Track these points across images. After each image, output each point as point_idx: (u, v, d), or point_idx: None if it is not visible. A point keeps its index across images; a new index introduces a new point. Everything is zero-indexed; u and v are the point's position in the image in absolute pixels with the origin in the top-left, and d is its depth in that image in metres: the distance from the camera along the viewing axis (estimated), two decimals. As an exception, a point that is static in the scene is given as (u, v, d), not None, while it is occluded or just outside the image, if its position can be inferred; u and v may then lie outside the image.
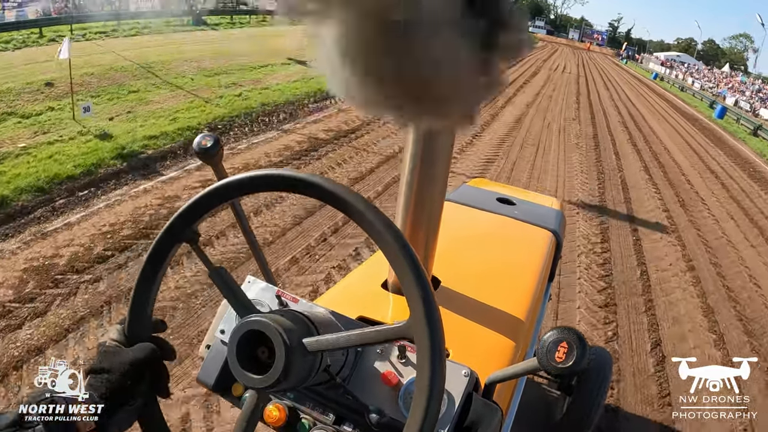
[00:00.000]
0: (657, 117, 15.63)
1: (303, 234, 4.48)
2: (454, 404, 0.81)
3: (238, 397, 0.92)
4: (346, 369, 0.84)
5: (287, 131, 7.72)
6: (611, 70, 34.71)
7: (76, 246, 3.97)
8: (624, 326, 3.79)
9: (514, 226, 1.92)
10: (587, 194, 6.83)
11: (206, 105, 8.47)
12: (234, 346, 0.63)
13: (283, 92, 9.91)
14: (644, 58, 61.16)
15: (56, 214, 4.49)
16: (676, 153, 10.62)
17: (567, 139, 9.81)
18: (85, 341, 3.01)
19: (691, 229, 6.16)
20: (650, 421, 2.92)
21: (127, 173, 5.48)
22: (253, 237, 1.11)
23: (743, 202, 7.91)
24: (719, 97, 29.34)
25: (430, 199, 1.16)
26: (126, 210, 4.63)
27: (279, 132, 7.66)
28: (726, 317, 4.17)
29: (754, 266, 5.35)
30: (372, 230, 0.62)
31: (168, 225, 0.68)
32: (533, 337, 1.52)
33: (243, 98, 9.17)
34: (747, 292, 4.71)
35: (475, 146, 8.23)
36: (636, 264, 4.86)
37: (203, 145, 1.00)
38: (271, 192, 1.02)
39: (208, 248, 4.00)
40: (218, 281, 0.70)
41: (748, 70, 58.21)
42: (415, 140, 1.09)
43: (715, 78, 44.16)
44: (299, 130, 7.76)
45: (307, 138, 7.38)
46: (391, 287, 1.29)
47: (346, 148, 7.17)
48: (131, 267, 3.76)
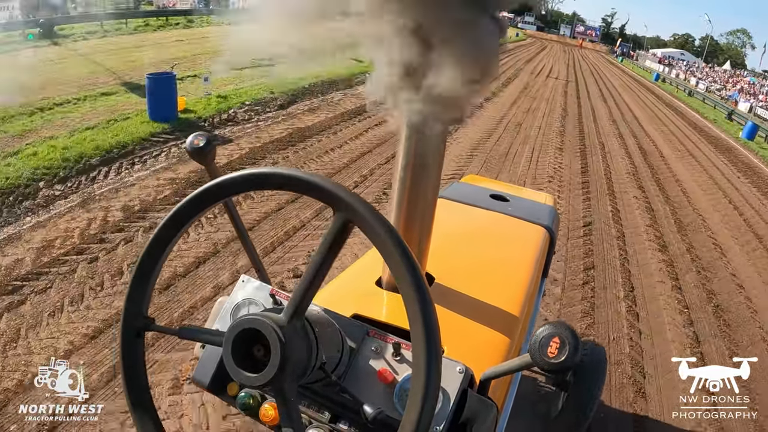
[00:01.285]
0: (676, 148, 10.72)
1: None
2: (449, 401, 0.81)
3: (234, 396, 0.90)
4: (341, 367, 0.84)
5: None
6: (607, 72, 29.79)
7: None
8: None
9: (507, 223, 1.92)
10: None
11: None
12: (229, 345, 0.63)
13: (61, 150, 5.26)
14: (640, 55, 57.40)
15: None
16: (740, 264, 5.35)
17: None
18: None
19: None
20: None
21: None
22: (247, 236, 1.12)
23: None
24: (730, 101, 25.09)
25: (424, 196, 1.15)
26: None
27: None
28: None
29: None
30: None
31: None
32: (528, 332, 1.53)
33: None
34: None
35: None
36: None
37: (196, 144, 1.00)
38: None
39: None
40: (188, 336, 0.73)
41: (748, 68, 55.24)
42: (407, 138, 1.09)
43: (719, 77, 39.88)
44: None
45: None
46: (385, 285, 1.28)
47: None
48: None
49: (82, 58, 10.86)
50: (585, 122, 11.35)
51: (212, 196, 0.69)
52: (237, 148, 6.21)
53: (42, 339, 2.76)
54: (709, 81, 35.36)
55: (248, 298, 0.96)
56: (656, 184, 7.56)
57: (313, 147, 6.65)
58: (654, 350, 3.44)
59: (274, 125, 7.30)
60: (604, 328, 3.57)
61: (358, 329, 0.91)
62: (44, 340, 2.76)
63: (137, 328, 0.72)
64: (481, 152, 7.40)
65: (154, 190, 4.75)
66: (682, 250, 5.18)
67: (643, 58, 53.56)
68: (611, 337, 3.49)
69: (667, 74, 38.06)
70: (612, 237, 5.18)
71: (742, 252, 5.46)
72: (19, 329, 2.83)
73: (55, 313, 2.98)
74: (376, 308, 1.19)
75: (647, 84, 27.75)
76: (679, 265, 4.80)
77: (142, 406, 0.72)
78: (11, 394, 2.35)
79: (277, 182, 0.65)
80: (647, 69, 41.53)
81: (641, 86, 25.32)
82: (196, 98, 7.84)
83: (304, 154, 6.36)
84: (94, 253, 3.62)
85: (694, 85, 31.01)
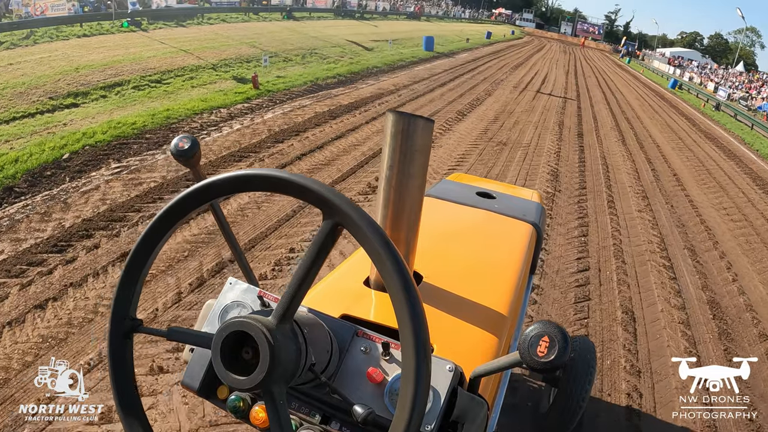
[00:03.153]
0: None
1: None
2: (439, 399, 0.80)
3: (224, 399, 0.89)
4: (331, 368, 0.83)
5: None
6: (616, 79, 24.25)
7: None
8: None
9: (494, 220, 1.90)
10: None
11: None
12: (218, 349, 0.62)
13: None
14: (647, 54, 52.12)
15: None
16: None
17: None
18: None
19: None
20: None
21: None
22: (234, 239, 1.11)
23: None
24: (760, 114, 19.94)
25: (410, 195, 1.13)
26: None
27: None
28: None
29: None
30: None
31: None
32: (516, 329, 1.52)
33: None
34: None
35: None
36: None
37: (180, 147, 0.99)
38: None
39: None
40: (177, 338, 0.71)
41: (759, 68, 50.93)
42: (392, 136, 1.07)
43: (740, 81, 34.42)
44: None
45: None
46: (373, 284, 1.26)
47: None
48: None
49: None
50: (597, 221, 5.92)
51: (200, 197, 0.68)
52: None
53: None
54: (728, 86, 30.00)
55: (236, 300, 0.95)
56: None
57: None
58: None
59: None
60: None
61: (346, 329, 0.89)
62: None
63: (125, 330, 0.72)
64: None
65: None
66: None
67: (650, 58, 48.24)
68: None
69: (678, 76, 32.78)
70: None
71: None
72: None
73: None
74: (365, 308, 1.18)
75: (667, 95, 22.26)
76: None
77: (130, 407, 0.71)
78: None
79: (266, 184, 0.64)
80: (658, 72, 36.06)
81: (662, 100, 19.84)
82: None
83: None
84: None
85: (713, 91, 25.90)
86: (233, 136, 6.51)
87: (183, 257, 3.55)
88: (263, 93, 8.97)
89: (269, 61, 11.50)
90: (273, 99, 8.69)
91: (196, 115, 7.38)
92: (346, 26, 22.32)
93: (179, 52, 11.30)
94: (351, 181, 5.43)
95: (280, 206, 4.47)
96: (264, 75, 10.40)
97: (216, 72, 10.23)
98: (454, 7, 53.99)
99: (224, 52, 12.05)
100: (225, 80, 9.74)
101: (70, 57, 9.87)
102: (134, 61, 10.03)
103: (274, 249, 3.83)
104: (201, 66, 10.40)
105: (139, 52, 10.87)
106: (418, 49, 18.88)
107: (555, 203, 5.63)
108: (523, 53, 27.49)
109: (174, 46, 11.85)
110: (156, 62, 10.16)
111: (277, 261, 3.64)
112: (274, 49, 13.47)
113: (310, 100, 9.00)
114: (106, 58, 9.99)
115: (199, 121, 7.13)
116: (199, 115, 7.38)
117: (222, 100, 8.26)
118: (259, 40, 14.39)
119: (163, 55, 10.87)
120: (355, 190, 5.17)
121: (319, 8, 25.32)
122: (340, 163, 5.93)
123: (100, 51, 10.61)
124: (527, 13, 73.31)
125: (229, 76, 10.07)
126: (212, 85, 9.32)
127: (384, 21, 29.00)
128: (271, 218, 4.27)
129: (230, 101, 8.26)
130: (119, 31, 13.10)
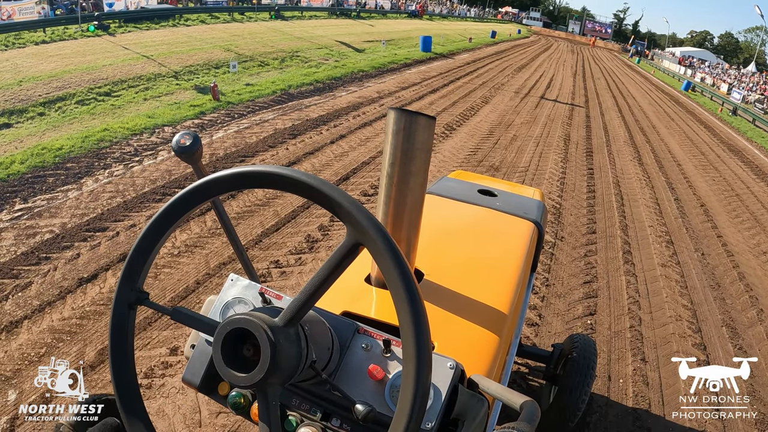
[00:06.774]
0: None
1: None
2: (440, 396, 0.80)
3: (225, 396, 0.89)
4: (331, 365, 0.82)
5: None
6: (626, 82, 22.84)
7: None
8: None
9: (496, 218, 1.89)
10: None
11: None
12: (219, 345, 0.61)
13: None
14: (656, 54, 50.45)
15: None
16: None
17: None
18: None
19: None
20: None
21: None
22: (235, 235, 1.11)
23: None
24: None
25: (411, 193, 1.13)
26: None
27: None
28: None
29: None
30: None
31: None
32: (517, 327, 1.50)
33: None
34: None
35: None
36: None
37: (182, 144, 0.98)
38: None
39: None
40: (181, 319, 0.69)
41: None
42: (394, 134, 1.07)
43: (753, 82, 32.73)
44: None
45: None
46: (374, 281, 1.26)
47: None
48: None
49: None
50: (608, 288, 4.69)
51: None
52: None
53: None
54: (743, 88, 28.36)
55: (238, 296, 0.94)
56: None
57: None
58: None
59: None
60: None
61: (347, 326, 0.88)
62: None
63: (131, 301, 0.70)
64: None
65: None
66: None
67: (659, 58, 46.58)
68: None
69: (690, 77, 31.21)
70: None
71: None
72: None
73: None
74: (366, 305, 1.18)
75: (681, 99, 20.83)
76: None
77: (124, 377, 0.70)
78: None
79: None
80: (669, 73, 34.49)
81: (677, 105, 18.44)
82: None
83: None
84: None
85: (726, 93, 24.41)
86: (164, 165, 5.37)
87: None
88: (222, 105, 7.83)
89: (240, 66, 10.36)
90: (231, 113, 7.54)
91: (134, 136, 6.26)
92: (339, 26, 21.10)
93: (140, 58, 10.18)
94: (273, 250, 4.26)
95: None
96: (231, 83, 9.27)
97: (177, 81, 9.10)
98: (459, 6, 52.57)
99: (192, 57, 10.90)
100: (184, 90, 8.61)
101: (18, 68, 8.79)
102: (86, 71, 8.92)
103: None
104: (161, 74, 9.27)
105: (96, 59, 9.76)
106: (414, 50, 17.64)
107: (555, 258, 4.41)
108: (529, 53, 26.13)
109: (137, 51, 10.73)
110: (110, 71, 9.05)
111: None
112: (251, 52, 12.32)
113: (275, 113, 7.84)
114: (57, 68, 8.89)
115: (134, 144, 5.99)
116: (138, 136, 6.26)
117: (171, 115, 7.13)
118: (237, 42, 13.23)
119: (122, 62, 9.76)
120: (267, 265, 4.00)
121: (313, 7, 24.15)
122: (262, 215, 4.67)
123: (53, 60, 9.52)
124: (534, 11, 71.67)
125: (190, 85, 8.94)
126: (168, 97, 8.18)
127: (382, 20, 27.74)
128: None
129: (181, 116, 7.13)
130: (83, 36, 12.01)
